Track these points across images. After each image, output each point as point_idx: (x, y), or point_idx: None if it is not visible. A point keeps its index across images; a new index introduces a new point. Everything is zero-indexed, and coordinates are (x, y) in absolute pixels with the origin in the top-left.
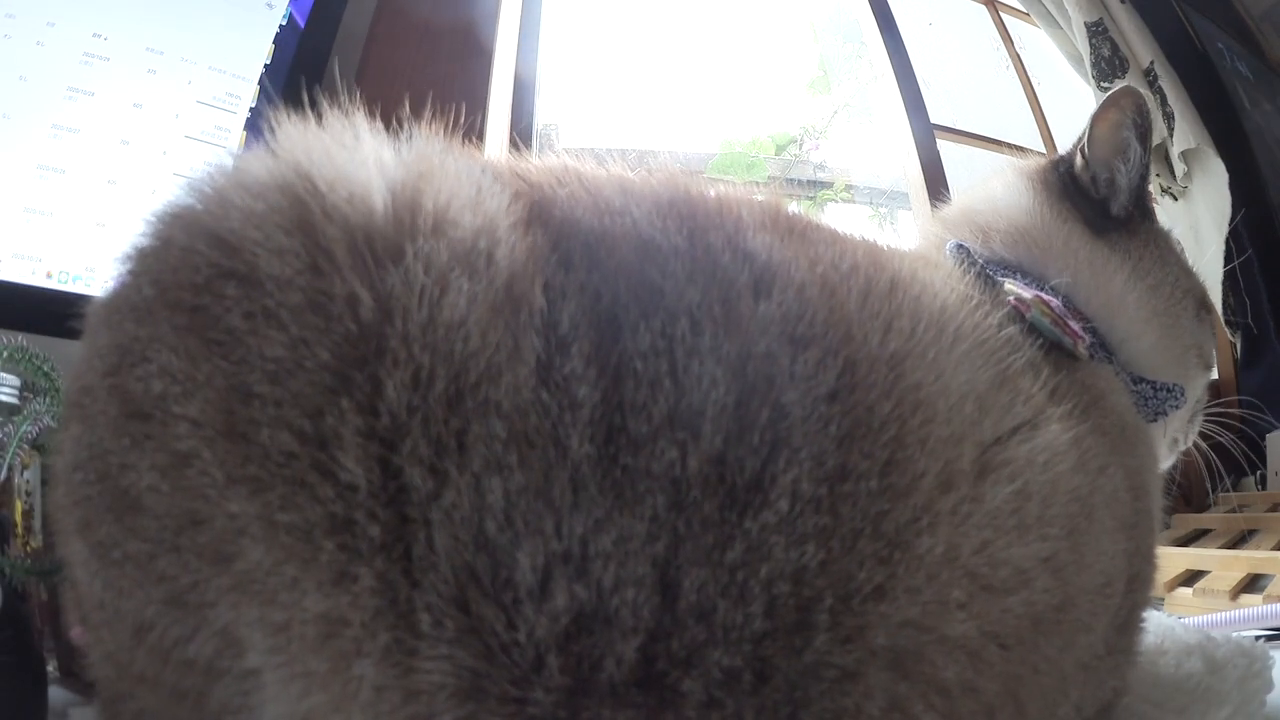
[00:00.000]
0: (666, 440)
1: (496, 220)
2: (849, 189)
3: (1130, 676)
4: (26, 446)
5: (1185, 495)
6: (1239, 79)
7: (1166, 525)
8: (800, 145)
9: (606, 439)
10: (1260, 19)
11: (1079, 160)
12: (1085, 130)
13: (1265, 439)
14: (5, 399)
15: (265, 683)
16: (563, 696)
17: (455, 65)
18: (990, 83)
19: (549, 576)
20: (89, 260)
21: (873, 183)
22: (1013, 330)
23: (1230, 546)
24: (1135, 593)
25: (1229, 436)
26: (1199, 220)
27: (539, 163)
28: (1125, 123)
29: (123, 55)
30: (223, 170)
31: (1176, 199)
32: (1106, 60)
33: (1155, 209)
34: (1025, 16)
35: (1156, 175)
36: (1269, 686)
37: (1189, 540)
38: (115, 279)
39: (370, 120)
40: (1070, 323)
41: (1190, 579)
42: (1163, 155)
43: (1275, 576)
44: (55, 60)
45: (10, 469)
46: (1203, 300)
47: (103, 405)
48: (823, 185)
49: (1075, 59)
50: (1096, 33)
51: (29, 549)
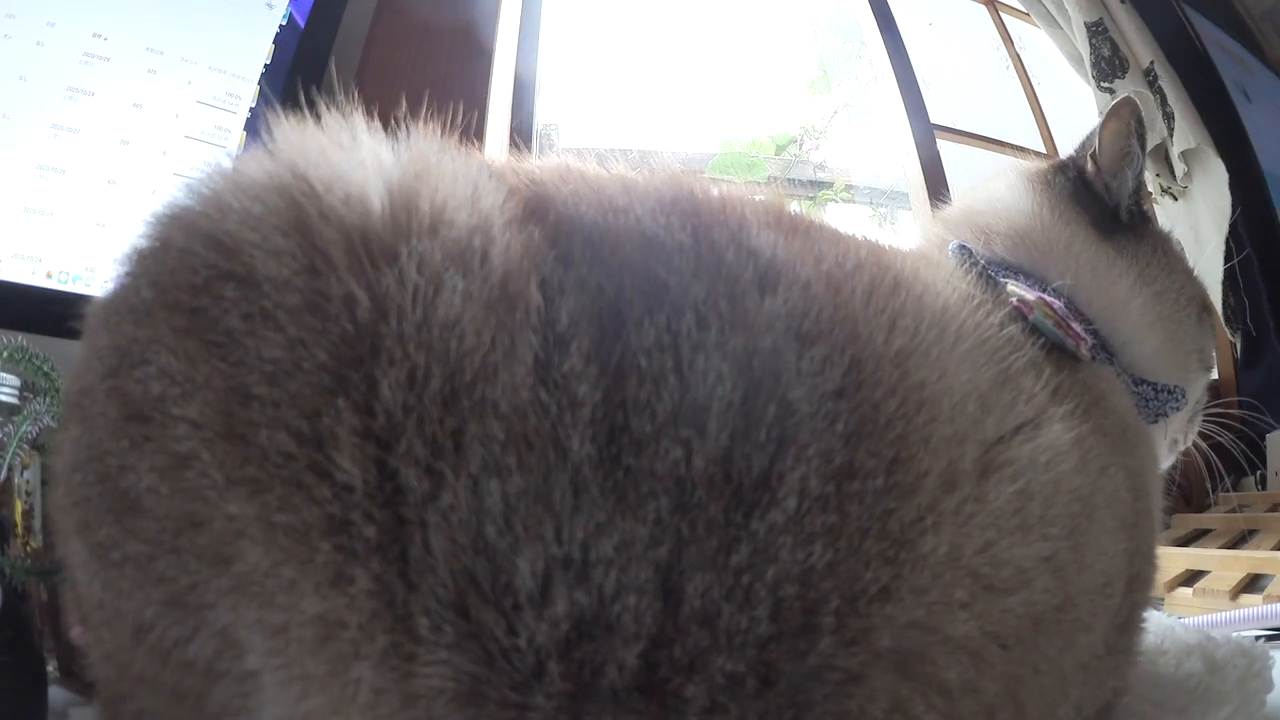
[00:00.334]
0: (671, 439)
1: (491, 218)
2: (849, 189)
3: (1130, 677)
4: (26, 446)
5: (1185, 495)
6: (1239, 79)
7: (1166, 525)
8: (800, 145)
9: (609, 439)
10: (1260, 19)
11: (1090, 166)
12: (1095, 138)
13: (1265, 439)
14: (5, 399)
15: (264, 684)
16: (564, 702)
17: (455, 65)
18: (990, 83)
19: (549, 582)
20: (89, 260)
21: (873, 183)
22: (1014, 330)
23: (1230, 546)
24: (1136, 593)
25: (1229, 436)
26: (1199, 220)
27: (541, 162)
28: (1127, 131)
29: (123, 55)
30: (220, 172)
31: (1176, 199)
32: (1106, 60)
33: (1155, 210)
34: (1025, 16)
35: (1156, 175)
36: (1269, 686)
37: (1189, 540)
38: (114, 281)
39: (369, 120)
40: (1073, 324)
41: (1190, 579)
42: (1163, 155)
43: (1275, 576)
44: (55, 60)
45: (10, 469)
46: (1204, 304)
47: (102, 407)
48: (823, 185)
49: (1075, 59)
50: (1096, 33)
51: (29, 549)
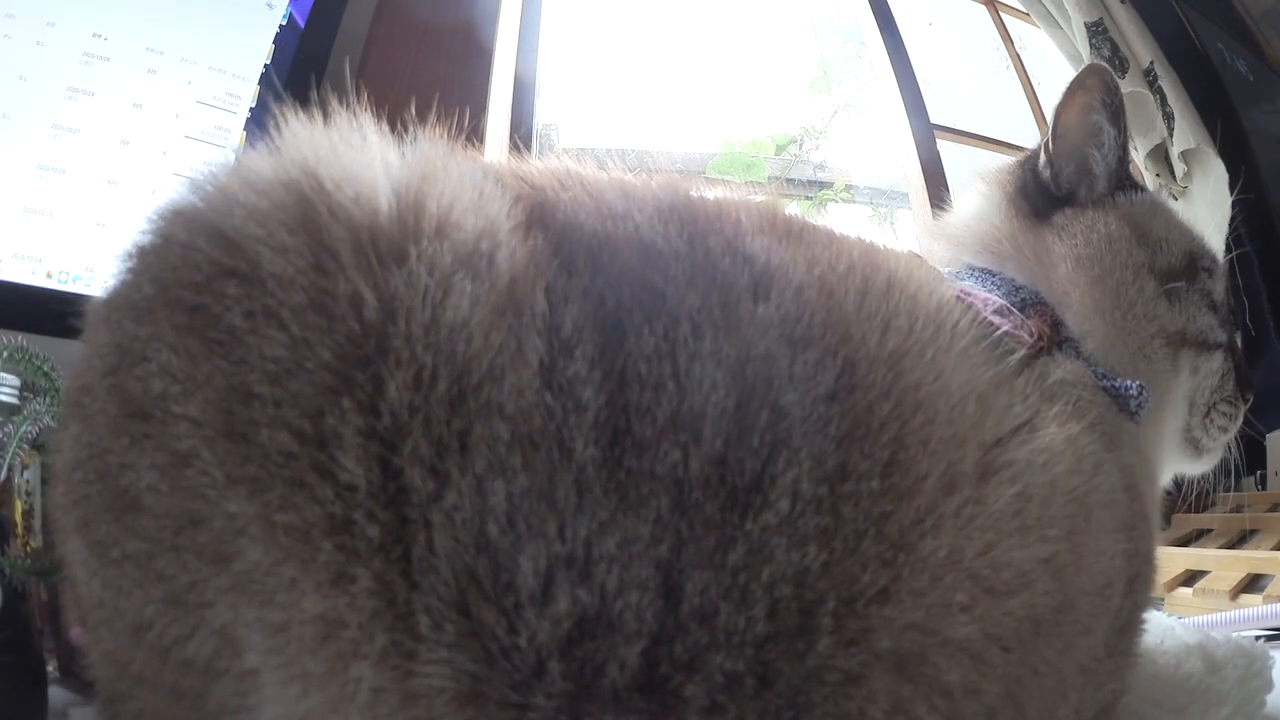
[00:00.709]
0: (670, 442)
1: (498, 224)
2: (849, 189)
3: (1130, 679)
4: (26, 446)
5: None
6: (1239, 79)
7: (1166, 525)
8: (800, 145)
9: (611, 442)
10: (1260, 19)
11: (1042, 157)
12: (1051, 122)
13: (1265, 439)
14: (5, 399)
15: (263, 683)
16: (564, 702)
17: (455, 65)
18: (990, 83)
19: (551, 580)
20: (89, 260)
21: (873, 183)
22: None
23: (1230, 546)
24: (1135, 594)
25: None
26: (1199, 220)
27: (541, 165)
28: (1094, 105)
29: (123, 55)
30: (226, 167)
31: (1176, 199)
32: (1106, 60)
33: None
34: (1025, 16)
35: (1156, 175)
36: (1269, 686)
37: (1189, 540)
38: (116, 277)
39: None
40: (1002, 322)
41: (1190, 579)
42: (1163, 155)
43: (1275, 576)
44: (55, 60)
45: (10, 469)
46: (1175, 271)
47: (102, 404)
48: (823, 185)
49: (1075, 59)
50: (1096, 33)
51: (29, 549)
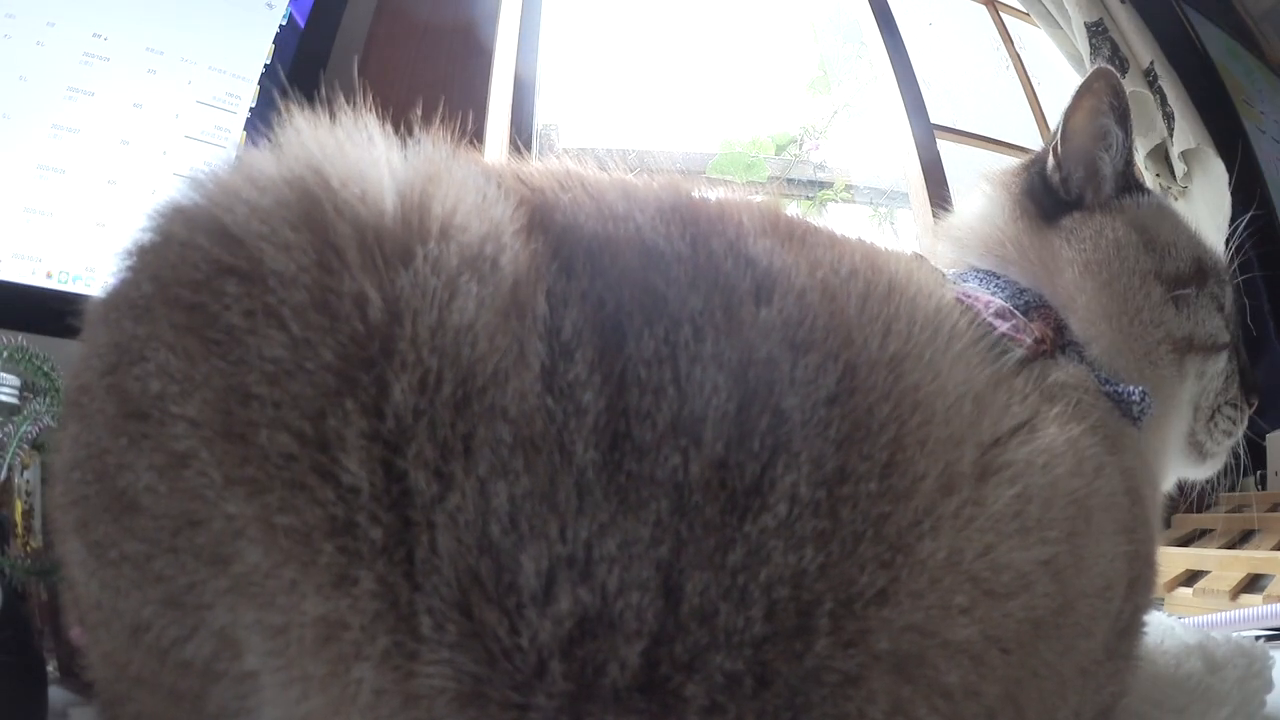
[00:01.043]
0: (670, 446)
1: (501, 227)
2: (849, 189)
3: (1130, 682)
4: (26, 446)
5: (1186, 495)
6: (1238, 79)
7: (1167, 525)
8: (800, 145)
9: (612, 445)
10: (1260, 19)
11: (1050, 161)
12: (1059, 126)
13: (1265, 439)
14: (5, 399)
15: (263, 685)
16: (565, 702)
17: (455, 65)
18: (990, 83)
19: (553, 580)
20: (89, 260)
21: (873, 183)
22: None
23: (1230, 546)
24: (1136, 598)
25: None
26: (1199, 220)
27: (542, 167)
28: (1102, 109)
29: (123, 55)
30: (228, 164)
31: (1177, 199)
32: (1106, 60)
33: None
34: (1025, 16)
35: (1157, 175)
36: (1269, 686)
37: (1189, 540)
38: (115, 275)
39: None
40: (1002, 324)
41: (1190, 579)
42: (1163, 155)
43: (1275, 576)
44: (55, 60)
45: (10, 469)
46: (1183, 278)
47: (100, 404)
48: (823, 185)
49: (1075, 59)
50: (1096, 33)
51: (29, 549)
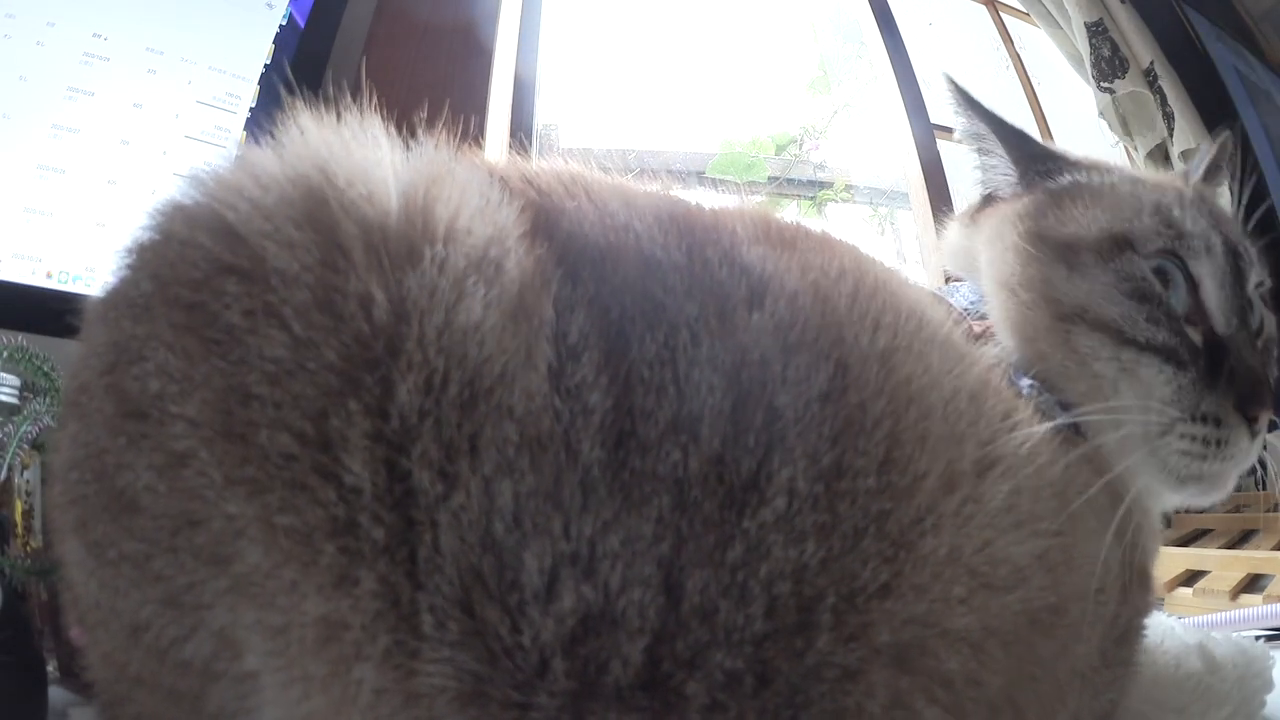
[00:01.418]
0: (671, 443)
1: (506, 231)
2: (849, 189)
3: (1129, 688)
4: (26, 446)
5: None
6: (1239, 79)
7: (1166, 525)
8: (800, 145)
9: (616, 443)
10: (1260, 19)
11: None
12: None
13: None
14: (5, 399)
15: (263, 685)
16: (567, 701)
17: (455, 65)
18: (990, 83)
19: (556, 577)
20: (89, 260)
21: (873, 183)
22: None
23: (1230, 546)
24: (1131, 602)
25: None
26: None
27: (548, 168)
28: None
29: (123, 55)
30: (230, 162)
31: None
32: (1106, 60)
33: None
34: (1025, 16)
35: None
36: (1269, 686)
37: (1189, 540)
38: (115, 274)
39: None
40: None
41: (1190, 579)
42: (1163, 155)
43: (1275, 576)
44: (55, 60)
45: (10, 469)
46: (1083, 242)
47: (99, 403)
48: (823, 185)
49: (1075, 59)
50: (1096, 33)
51: (29, 549)
